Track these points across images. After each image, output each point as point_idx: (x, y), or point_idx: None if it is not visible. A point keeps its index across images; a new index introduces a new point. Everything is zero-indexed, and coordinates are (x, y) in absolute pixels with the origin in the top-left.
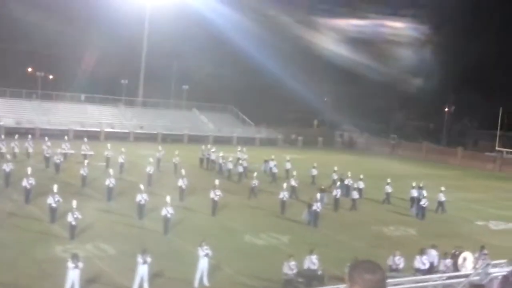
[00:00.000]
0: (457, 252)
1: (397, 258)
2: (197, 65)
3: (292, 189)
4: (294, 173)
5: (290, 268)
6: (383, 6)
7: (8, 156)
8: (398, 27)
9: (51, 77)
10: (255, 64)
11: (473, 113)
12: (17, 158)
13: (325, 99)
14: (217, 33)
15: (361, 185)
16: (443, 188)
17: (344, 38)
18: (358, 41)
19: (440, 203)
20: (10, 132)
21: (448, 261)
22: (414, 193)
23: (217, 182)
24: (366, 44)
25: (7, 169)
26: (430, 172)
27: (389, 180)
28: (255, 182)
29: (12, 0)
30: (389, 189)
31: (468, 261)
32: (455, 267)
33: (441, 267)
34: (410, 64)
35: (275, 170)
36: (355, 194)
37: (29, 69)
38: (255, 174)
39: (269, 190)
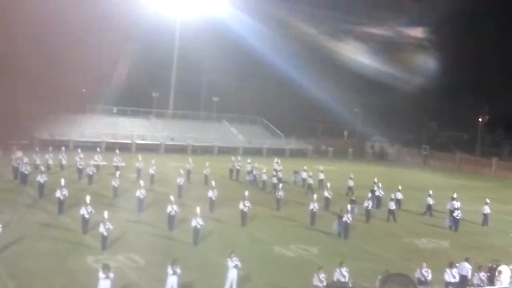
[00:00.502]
0: (494, 266)
1: (424, 270)
2: (227, 77)
3: (326, 201)
4: (328, 184)
5: (319, 280)
6: (414, 17)
7: (42, 168)
8: (429, 37)
9: (84, 90)
10: (285, 76)
11: (507, 122)
12: (51, 169)
13: (356, 110)
14: (246, 46)
15: (399, 196)
16: (488, 200)
17: (375, 49)
18: (389, 52)
19: (485, 216)
20: (44, 145)
21: (483, 275)
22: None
23: (246, 193)
24: (397, 55)
25: (41, 181)
26: (464, 183)
27: (431, 192)
28: (280, 194)
29: (39, 14)
30: (430, 201)
31: (504, 274)
32: (491, 281)
33: (475, 281)
34: (442, 75)
35: (310, 181)
36: (392, 205)
37: None
38: (281, 185)
39: (299, 201)
